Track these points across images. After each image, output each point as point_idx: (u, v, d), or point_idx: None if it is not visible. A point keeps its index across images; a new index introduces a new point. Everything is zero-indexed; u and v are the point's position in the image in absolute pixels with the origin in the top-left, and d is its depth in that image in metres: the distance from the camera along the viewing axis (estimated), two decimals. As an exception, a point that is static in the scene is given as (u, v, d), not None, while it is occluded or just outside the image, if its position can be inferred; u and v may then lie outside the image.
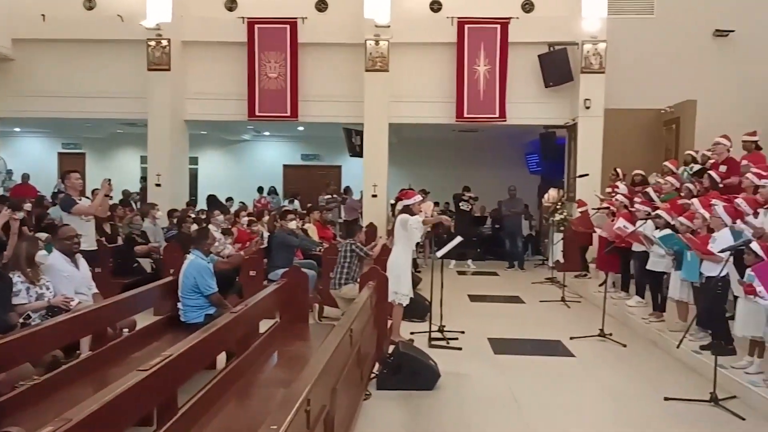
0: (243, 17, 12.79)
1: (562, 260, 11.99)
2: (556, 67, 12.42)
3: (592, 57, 12.17)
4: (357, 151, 14.02)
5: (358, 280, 7.07)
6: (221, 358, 5.19)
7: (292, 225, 9.07)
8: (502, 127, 13.31)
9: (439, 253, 7.17)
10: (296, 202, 15.54)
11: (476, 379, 5.80)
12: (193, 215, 10.00)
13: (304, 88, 12.96)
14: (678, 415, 4.95)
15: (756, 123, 9.92)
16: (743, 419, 4.80)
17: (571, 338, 7.24)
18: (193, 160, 17.37)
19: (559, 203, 12.85)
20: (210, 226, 7.84)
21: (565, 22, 12.30)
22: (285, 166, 19.19)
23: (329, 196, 15.53)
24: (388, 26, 12.30)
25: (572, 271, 11.29)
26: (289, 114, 13.00)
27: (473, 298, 9.84)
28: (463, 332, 7.39)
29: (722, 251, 5.48)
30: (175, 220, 9.81)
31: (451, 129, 14.43)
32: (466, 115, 12.79)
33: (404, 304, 6.75)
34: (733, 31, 12.58)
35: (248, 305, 5.14)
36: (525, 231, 14.67)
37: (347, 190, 15.63)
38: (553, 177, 15.30)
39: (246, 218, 10.27)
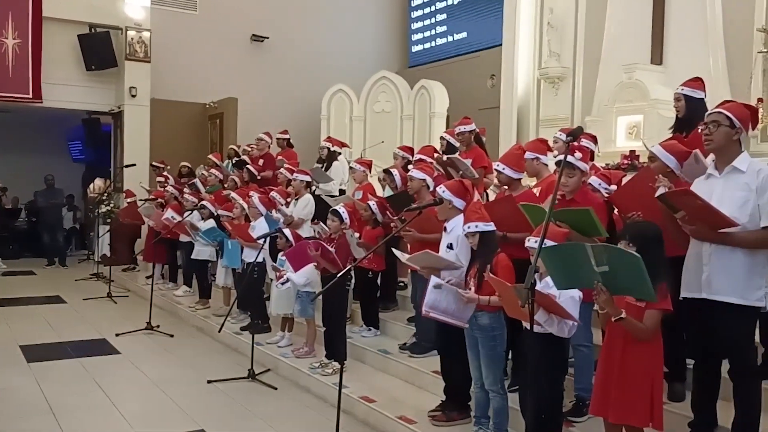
0: None
1: (109, 254, 11.49)
2: (99, 50, 11.77)
3: (137, 45, 11.92)
4: None
5: None
6: None
7: None
8: (39, 109, 12.00)
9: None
10: None
11: (4, 394, 5.09)
12: None
13: None
14: (219, 395, 5.21)
15: (290, 122, 11.20)
16: (275, 388, 5.33)
17: (117, 335, 6.97)
18: None
19: (106, 194, 12.28)
20: None
21: (108, 5, 11.74)
22: None
23: None
24: None
25: (120, 264, 10.91)
26: None
27: (2, 302, 8.61)
28: (-13, 343, 6.43)
29: (258, 238, 6.00)
30: None
31: (-27, 107, 12.36)
32: (-9, 92, 11.10)
33: None
34: (267, 37, 13.90)
35: None
36: (68, 224, 13.59)
37: None
38: (99, 166, 14.52)
39: None
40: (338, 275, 3.99)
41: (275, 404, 5.05)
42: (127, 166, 10.75)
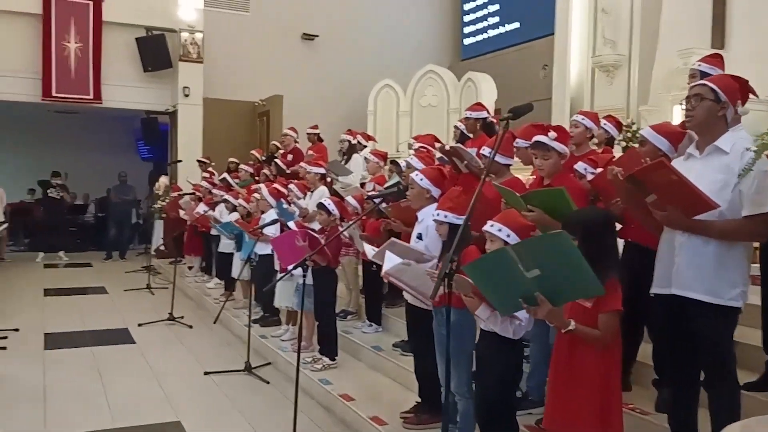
0: None
1: (163, 247, 11.85)
2: (155, 52, 12.18)
3: (190, 46, 12.23)
4: None
5: None
6: None
7: None
8: (103, 110, 12.61)
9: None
10: None
11: (5, 381, 5.25)
12: None
13: None
14: (211, 387, 5.17)
15: (337, 118, 11.14)
16: (268, 383, 5.24)
17: (140, 325, 7.12)
18: None
19: (163, 190, 12.70)
20: None
21: (162, 8, 12.12)
22: None
23: None
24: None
25: (171, 257, 11.22)
26: None
27: (49, 291, 9.04)
28: (17, 330, 6.70)
29: (258, 227, 5.95)
30: None
31: (46, 109, 13.12)
32: (54, 93, 11.70)
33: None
34: (317, 36, 13.92)
35: None
36: (134, 219, 14.19)
37: None
38: (163, 164, 15.07)
39: None
40: (294, 266, 3.83)
41: (261, 398, 4.94)
42: (173, 162, 11.06)
